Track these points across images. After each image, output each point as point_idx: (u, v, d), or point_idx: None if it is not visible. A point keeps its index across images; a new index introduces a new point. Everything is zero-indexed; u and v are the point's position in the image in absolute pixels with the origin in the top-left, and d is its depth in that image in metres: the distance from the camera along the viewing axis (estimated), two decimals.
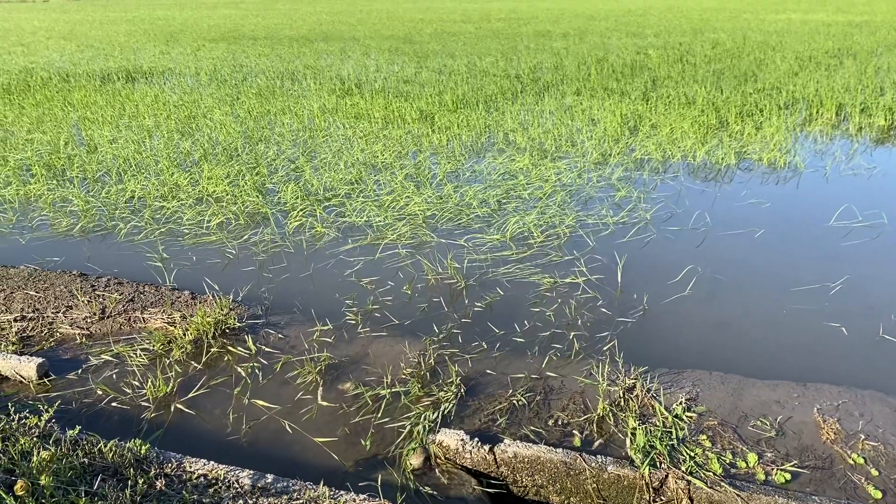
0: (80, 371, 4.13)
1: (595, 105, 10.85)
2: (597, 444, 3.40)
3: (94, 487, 2.93)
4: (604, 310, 4.78)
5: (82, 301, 4.92)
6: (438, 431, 3.43)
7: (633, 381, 3.84)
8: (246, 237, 6.19)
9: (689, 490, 3.07)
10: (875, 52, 16.51)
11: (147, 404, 3.81)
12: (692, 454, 3.24)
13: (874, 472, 3.15)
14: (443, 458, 3.34)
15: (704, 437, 3.38)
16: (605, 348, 4.29)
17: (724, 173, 7.77)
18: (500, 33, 24.15)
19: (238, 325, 4.60)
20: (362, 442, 3.49)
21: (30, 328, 4.62)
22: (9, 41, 24.53)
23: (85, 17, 40.29)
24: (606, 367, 3.99)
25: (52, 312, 4.79)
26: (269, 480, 3.07)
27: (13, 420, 3.43)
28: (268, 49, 20.54)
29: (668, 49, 17.85)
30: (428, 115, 10.58)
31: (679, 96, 11.34)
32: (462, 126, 9.83)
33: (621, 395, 3.74)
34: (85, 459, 3.12)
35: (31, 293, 5.06)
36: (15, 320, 4.69)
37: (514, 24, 27.67)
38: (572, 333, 4.48)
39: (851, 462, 3.22)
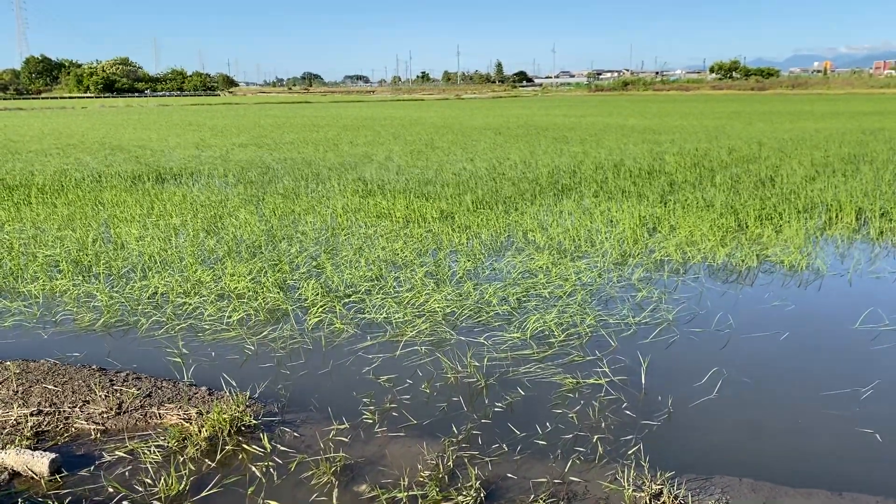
0: (92, 467, 4.06)
1: (613, 207, 10.97)
2: None
3: None
4: (628, 412, 4.67)
5: (99, 396, 4.89)
6: None
7: (660, 486, 3.70)
8: (265, 333, 6.20)
9: None
10: (891, 158, 16.70)
11: (158, 503, 3.71)
12: None
13: None
14: None
15: None
16: (629, 452, 4.16)
17: (745, 275, 7.73)
18: (520, 138, 24.83)
19: (254, 422, 4.54)
20: None
21: (45, 423, 4.58)
22: (46, 144, 25.58)
23: (120, 121, 42.12)
24: (632, 471, 3.85)
25: (69, 407, 4.76)
26: None
27: None
28: (294, 153, 21.21)
29: (685, 155, 18.19)
30: (448, 215, 10.75)
31: (697, 199, 11.46)
32: (482, 225, 9.96)
33: (648, 502, 3.59)
34: None
35: (50, 387, 5.05)
36: (31, 414, 4.66)
37: (533, 132, 28.47)
38: (596, 436, 4.35)
39: None
